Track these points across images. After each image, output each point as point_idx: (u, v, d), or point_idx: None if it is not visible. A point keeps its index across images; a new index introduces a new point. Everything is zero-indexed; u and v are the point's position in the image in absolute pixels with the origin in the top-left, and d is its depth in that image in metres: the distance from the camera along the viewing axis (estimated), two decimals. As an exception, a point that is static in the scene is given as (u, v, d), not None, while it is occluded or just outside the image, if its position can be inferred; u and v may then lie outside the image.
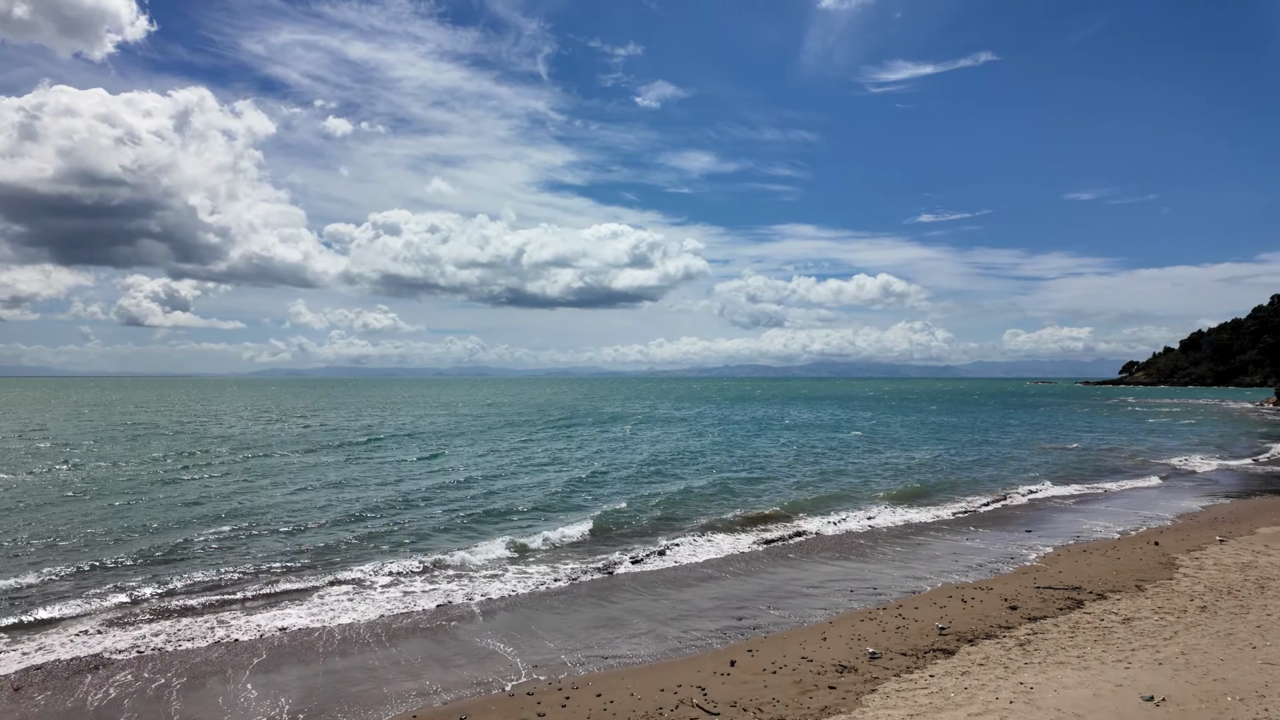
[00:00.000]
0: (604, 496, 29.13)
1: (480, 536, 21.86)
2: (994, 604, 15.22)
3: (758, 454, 45.38)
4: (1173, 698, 9.96)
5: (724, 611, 15.33)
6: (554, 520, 24.39)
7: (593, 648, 13.26)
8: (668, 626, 14.40)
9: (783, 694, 10.85)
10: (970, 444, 52.44)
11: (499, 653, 13.04)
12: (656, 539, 21.95)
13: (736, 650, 12.92)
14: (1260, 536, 20.97)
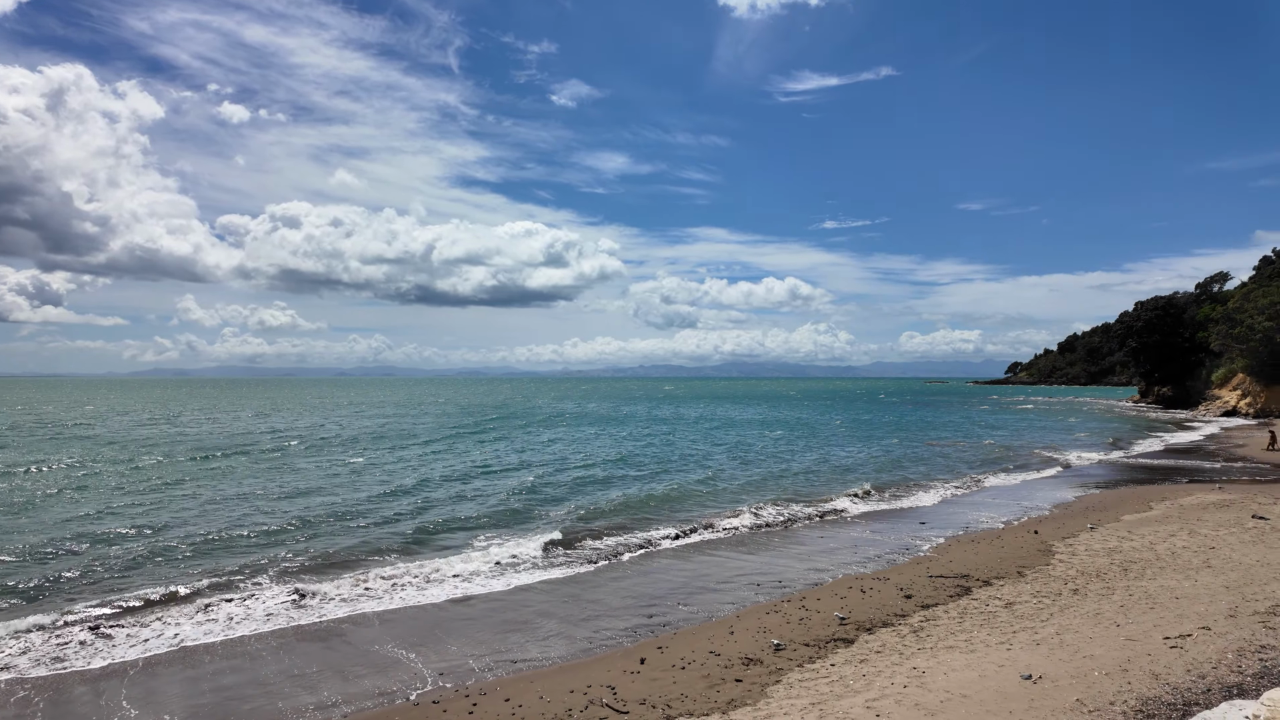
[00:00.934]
0: (518, 501, 28.75)
1: (389, 547, 21.13)
2: (890, 593, 15.95)
3: (690, 453, 45.91)
4: (1048, 675, 10.71)
5: (635, 610, 15.42)
6: (467, 526, 23.89)
7: (502, 652, 13.06)
8: (579, 628, 14.35)
9: (691, 689, 11.01)
10: (875, 440, 54.82)
11: (404, 661, 12.65)
12: (575, 542, 21.84)
13: (646, 648, 13.02)
14: (1125, 523, 22.85)
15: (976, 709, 9.69)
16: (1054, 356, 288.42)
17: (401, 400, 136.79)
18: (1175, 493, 28.83)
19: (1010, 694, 10.11)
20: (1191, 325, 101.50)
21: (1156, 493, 29.09)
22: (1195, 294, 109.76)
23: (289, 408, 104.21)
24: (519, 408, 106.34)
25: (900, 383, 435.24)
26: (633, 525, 23.98)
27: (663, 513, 26.17)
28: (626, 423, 75.10)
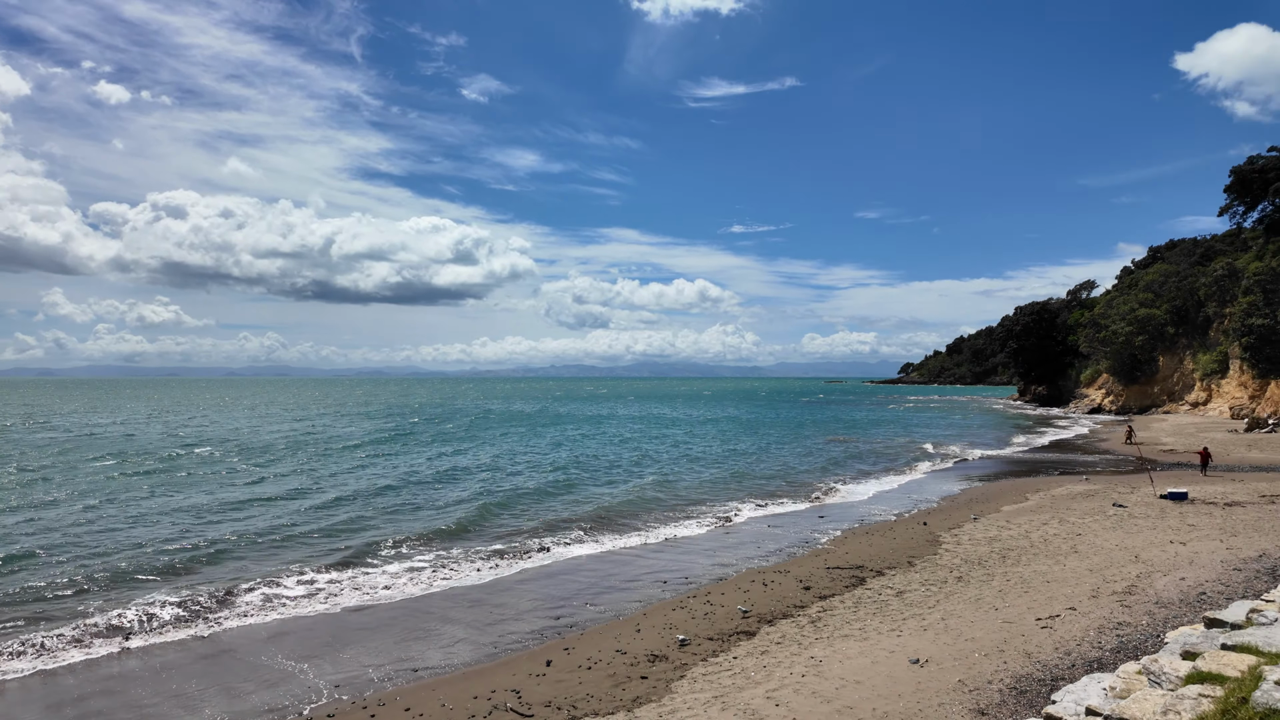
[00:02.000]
0: (433, 508, 27.95)
1: (293, 558, 20.07)
2: (791, 585, 16.49)
3: (595, 453, 45.80)
4: (934, 659, 11.35)
5: (543, 612, 15.29)
6: (368, 535, 23.03)
7: (403, 661, 12.66)
8: (484, 633, 14.09)
9: (597, 689, 11.02)
10: (782, 438, 56.52)
11: (297, 674, 12.06)
12: (486, 547, 21.42)
13: (553, 649, 12.93)
14: (1004, 513, 24.50)
15: (869, 694, 10.15)
16: (942, 358, 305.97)
17: (303, 401, 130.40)
18: (1048, 484, 31.15)
19: (900, 678, 10.64)
20: (1063, 329, 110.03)
21: (1032, 485, 31.33)
22: (1067, 300, 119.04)
23: (180, 410, 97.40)
24: (439, 410, 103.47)
25: (804, 382, 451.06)
26: (545, 529, 23.77)
27: (577, 515, 26.07)
28: (562, 423, 74.39)
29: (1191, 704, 5.38)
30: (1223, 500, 25.05)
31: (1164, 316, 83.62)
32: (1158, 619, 12.66)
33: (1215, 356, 73.84)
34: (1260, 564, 16.20)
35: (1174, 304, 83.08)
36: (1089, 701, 7.10)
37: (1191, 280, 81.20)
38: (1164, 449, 45.01)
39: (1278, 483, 29.13)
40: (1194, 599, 13.77)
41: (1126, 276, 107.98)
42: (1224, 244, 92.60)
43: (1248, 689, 4.89)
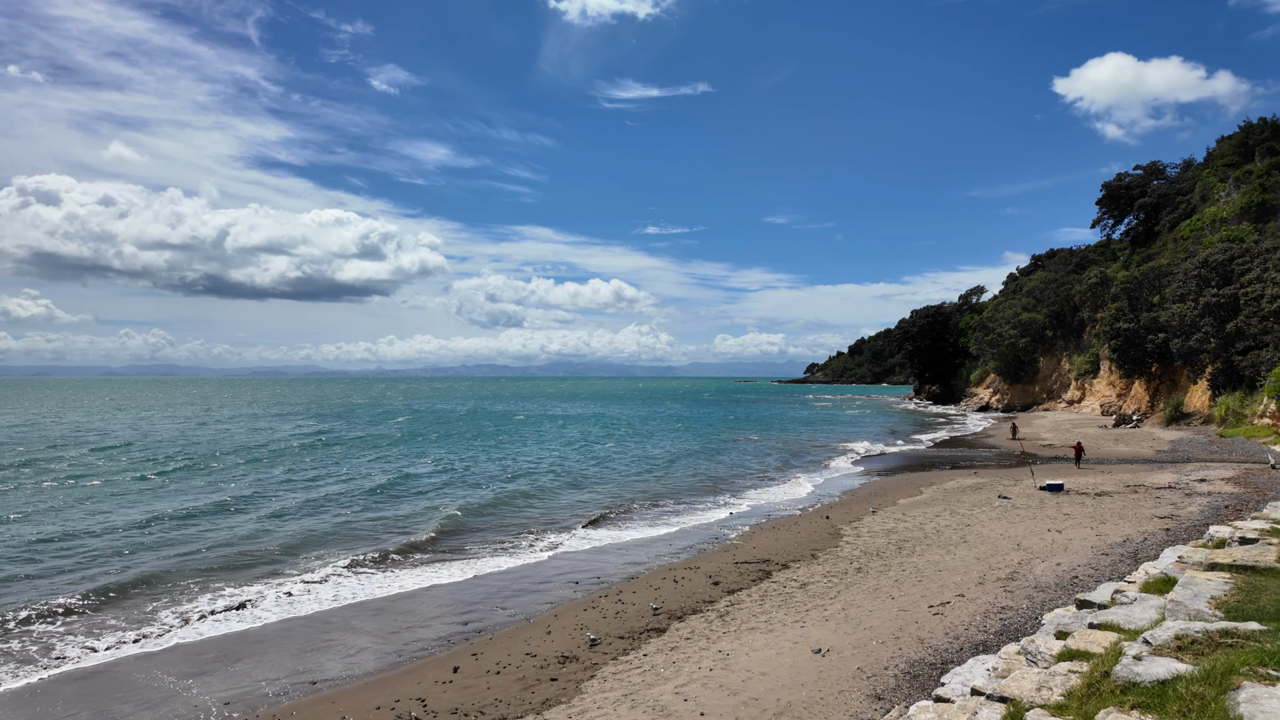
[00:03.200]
0: (328, 514, 26.78)
1: (184, 570, 18.79)
2: (701, 581, 16.75)
3: (516, 456, 45.05)
4: (835, 648, 11.78)
5: (451, 617, 14.93)
6: (273, 545, 21.85)
7: (301, 673, 12.08)
8: (388, 641, 13.63)
9: (506, 693, 10.85)
10: (697, 435, 57.36)
11: (181, 693, 11.31)
12: (395, 554, 20.70)
13: (460, 655, 12.65)
14: (900, 506, 25.72)
15: (773, 685, 10.43)
16: (845, 358, 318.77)
17: (196, 402, 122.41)
18: (941, 478, 32.92)
19: (803, 668, 11.00)
20: (955, 332, 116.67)
21: (926, 479, 33.04)
22: (958, 304, 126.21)
23: (62, 412, 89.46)
24: (349, 410, 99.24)
25: (716, 382, 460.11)
26: (456, 533, 23.21)
27: (499, 519, 25.60)
28: (482, 423, 72.67)
29: (1062, 679, 5.80)
30: (1093, 491, 27.16)
31: (1044, 320, 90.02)
32: (1036, 602, 13.59)
33: (1088, 358, 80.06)
34: (1124, 549, 17.66)
35: (1053, 309, 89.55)
36: (974, 682, 7.55)
37: (1068, 287, 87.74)
38: (1044, 444, 48.41)
39: (1140, 473, 31.84)
40: (1068, 582, 14.86)
41: (1012, 283, 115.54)
42: (1096, 254, 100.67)
43: (1109, 663, 5.31)
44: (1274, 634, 5.14)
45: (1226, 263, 50.50)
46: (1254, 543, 9.22)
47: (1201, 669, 4.50)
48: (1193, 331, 50.75)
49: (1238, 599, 6.70)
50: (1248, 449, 38.81)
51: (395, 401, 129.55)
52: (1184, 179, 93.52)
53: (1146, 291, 63.84)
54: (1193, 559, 9.13)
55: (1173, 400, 58.79)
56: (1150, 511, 22.47)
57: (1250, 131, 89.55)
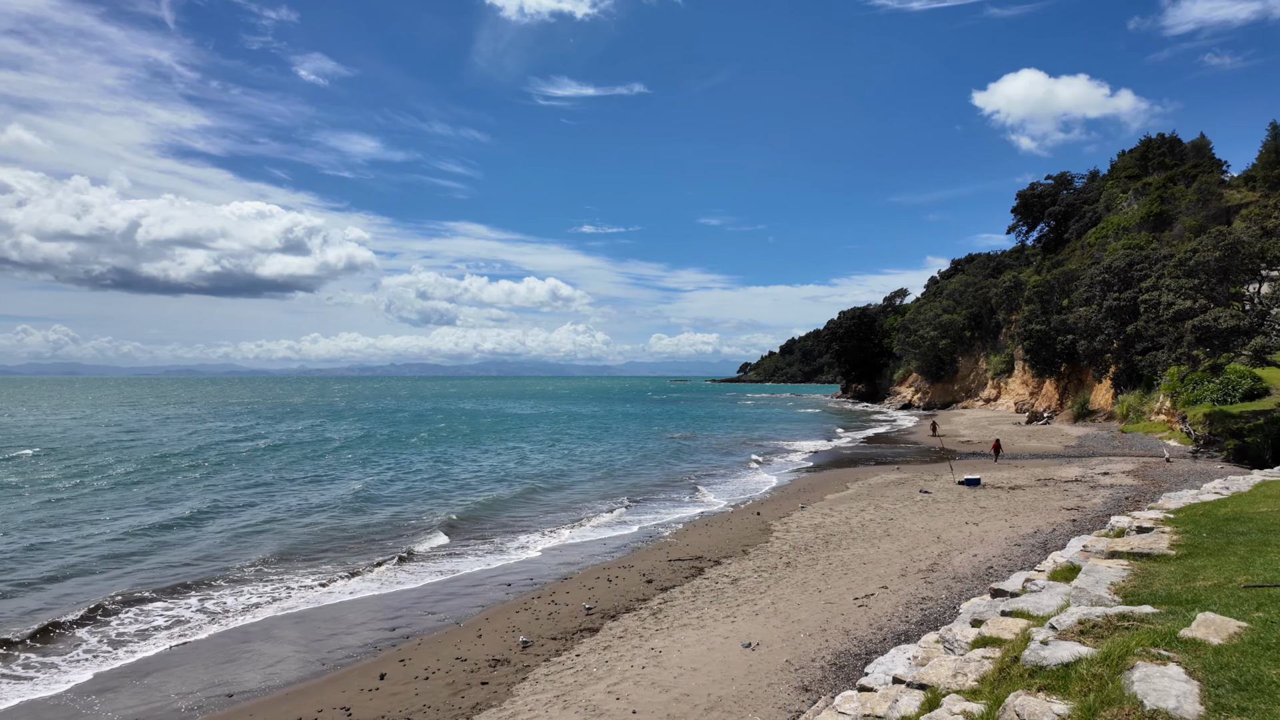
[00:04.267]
0: (262, 525, 25.64)
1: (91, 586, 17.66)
2: (634, 580, 16.80)
3: (465, 459, 44.06)
4: (765, 641, 12.00)
5: (378, 624, 14.52)
6: (193, 554, 20.77)
7: (217, 686, 11.53)
8: (312, 649, 13.15)
9: (434, 699, 10.63)
10: (637, 434, 57.48)
11: (84, 712, 10.64)
12: (320, 560, 19.96)
13: (388, 661, 12.32)
14: (827, 501, 26.42)
15: (705, 680, 10.55)
16: (777, 358, 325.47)
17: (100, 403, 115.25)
18: (866, 474, 33.97)
19: (733, 662, 11.16)
20: (880, 333, 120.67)
21: (852, 474, 34.03)
22: (883, 306, 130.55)
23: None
24: (281, 409, 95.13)
25: (652, 381, 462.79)
26: (386, 538, 22.59)
27: (427, 523, 25.01)
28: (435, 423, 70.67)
29: (976, 666, 6.06)
30: (1008, 485, 28.52)
31: (963, 322, 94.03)
32: (955, 592, 14.17)
33: (1003, 358, 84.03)
34: (1035, 539, 18.60)
35: (971, 311, 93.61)
36: (896, 671, 7.80)
37: (985, 290, 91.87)
38: (962, 441, 50.54)
39: (1050, 468, 33.61)
40: (984, 572, 15.55)
41: (933, 286, 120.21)
42: (1011, 259, 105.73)
43: (1019, 649, 5.58)
44: (1165, 616, 5.50)
45: (1127, 269, 53.81)
46: (1149, 531, 9.85)
47: (1101, 651, 4.78)
48: (1097, 333, 53.90)
49: (1134, 584, 7.15)
50: (1146, 444, 41.48)
51: (335, 401, 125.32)
52: (1090, 189, 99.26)
53: (1056, 295, 67.42)
54: (1095, 548, 9.68)
55: (1080, 398, 62.29)
56: (1059, 504, 23.74)
57: (1149, 146, 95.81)
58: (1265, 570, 6.64)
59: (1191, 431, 38.94)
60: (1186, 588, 6.43)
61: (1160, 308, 34.24)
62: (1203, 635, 4.87)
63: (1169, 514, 11.39)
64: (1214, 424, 36.39)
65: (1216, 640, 4.78)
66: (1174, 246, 51.32)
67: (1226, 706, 3.83)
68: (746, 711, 9.47)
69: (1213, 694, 3.97)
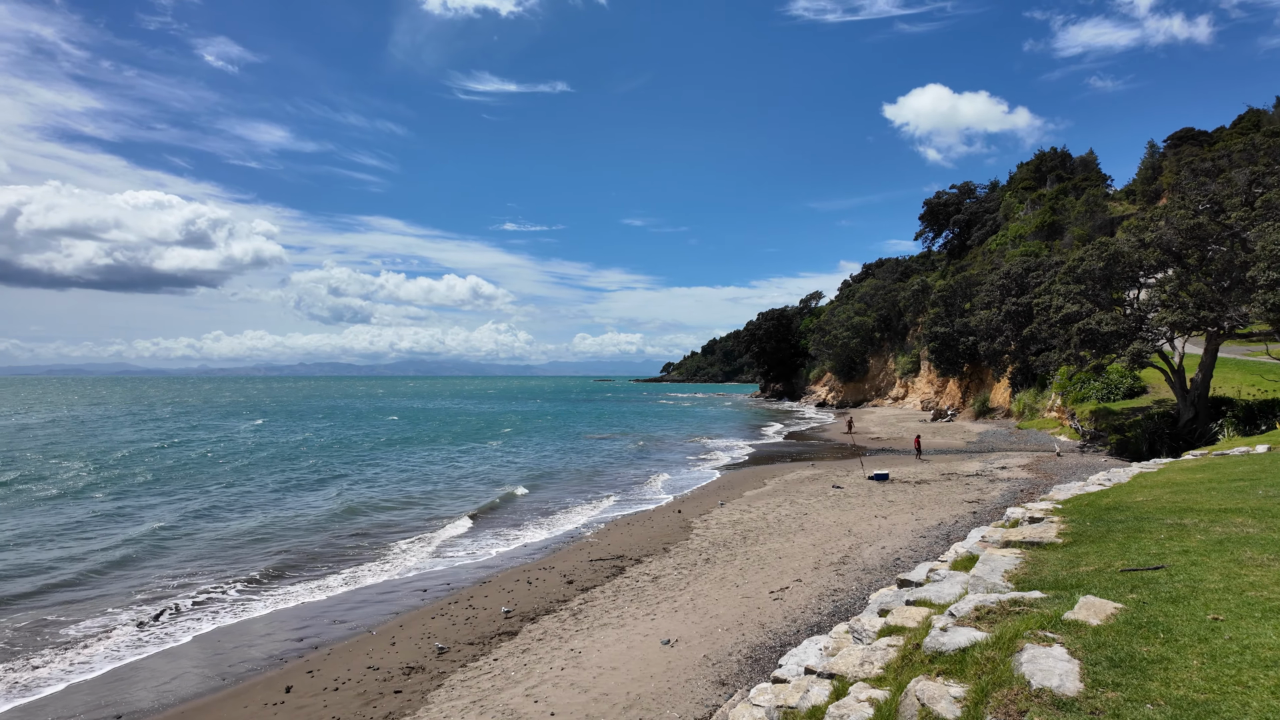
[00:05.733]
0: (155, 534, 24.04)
1: None
2: (555, 581, 16.68)
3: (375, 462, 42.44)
4: (684, 638, 12.13)
5: (284, 634, 13.89)
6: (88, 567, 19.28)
7: (103, 708, 10.76)
8: (212, 663, 12.46)
9: (344, 710, 10.25)
10: (564, 435, 57.02)
11: (-55, 744, 9.73)
12: (230, 568, 18.89)
13: (294, 673, 11.80)
14: (746, 498, 26.96)
15: (624, 678, 10.58)
16: (699, 358, 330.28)
17: None
18: (783, 471, 34.87)
19: (652, 660, 11.23)
20: (796, 334, 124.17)
21: (770, 471, 34.86)
22: (799, 308, 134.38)
23: None
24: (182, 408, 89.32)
25: (576, 380, 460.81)
26: (301, 545, 21.62)
27: (347, 531, 24.05)
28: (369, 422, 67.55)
29: (881, 654, 6.30)
30: (914, 479, 29.83)
31: (873, 324, 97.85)
32: (864, 583, 14.70)
33: (911, 358, 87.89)
34: (939, 531, 19.52)
35: (881, 313, 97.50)
36: (808, 662, 8.03)
37: (894, 294, 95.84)
38: (872, 437, 52.56)
39: (953, 462, 35.36)
40: (891, 564, 16.20)
41: (845, 289, 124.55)
42: (919, 263, 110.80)
43: (921, 636, 5.84)
44: (1052, 601, 5.87)
45: (1023, 274, 57.23)
46: (1040, 522, 10.49)
47: (994, 636, 5.06)
48: (996, 335, 57.11)
49: (1026, 571, 7.59)
50: (1040, 439, 44.21)
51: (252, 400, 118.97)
52: (991, 199, 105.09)
53: (959, 299, 71.00)
54: (992, 538, 10.24)
55: (980, 396, 65.82)
56: (961, 497, 25.00)
57: (1043, 159, 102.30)
58: (1139, 555, 7.17)
59: (1079, 427, 41.78)
60: (1071, 573, 6.88)
61: (1051, 311, 36.57)
62: (1084, 617, 5.21)
63: (1058, 505, 12.15)
64: (1099, 420, 39.17)
65: (1096, 621, 5.13)
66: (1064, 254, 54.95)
67: (1103, 682, 4.11)
68: (664, 708, 9.55)
69: (1091, 671, 4.25)
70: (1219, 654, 4.36)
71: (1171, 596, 5.58)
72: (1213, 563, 6.49)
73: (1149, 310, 34.17)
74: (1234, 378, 36.24)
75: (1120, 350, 32.11)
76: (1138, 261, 34.64)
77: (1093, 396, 43.50)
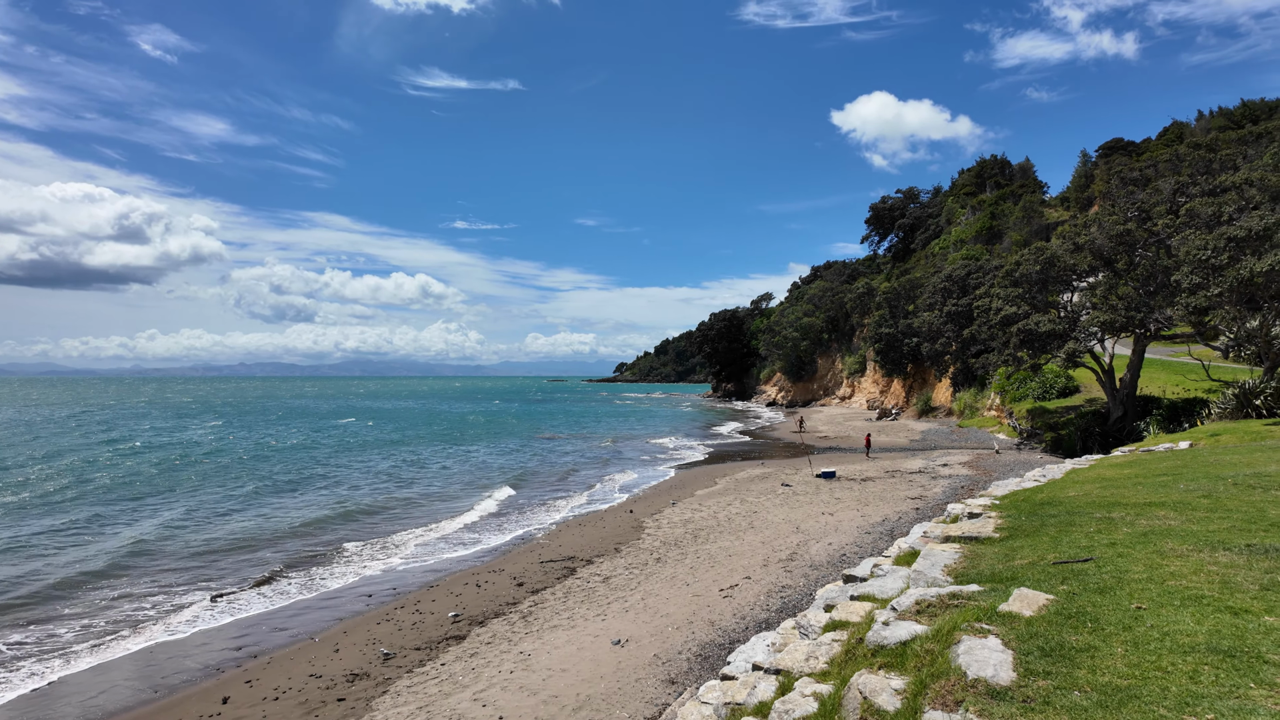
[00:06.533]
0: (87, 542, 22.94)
1: None
2: (504, 583, 16.51)
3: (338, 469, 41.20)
4: (634, 638, 12.14)
5: (221, 643, 13.41)
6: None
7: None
8: (145, 674, 11.95)
9: (286, 719, 9.96)
10: (517, 435, 56.41)
11: None
12: (171, 576, 18.12)
13: (232, 682, 11.40)
14: (697, 497, 27.14)
15: (574, 680, 10.53)
16: (651, 358, 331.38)
17: None
18: (734, 469, 35.22)
19: (603, 660, 11.21)
20: (748, 334, 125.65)
21: (721, 470, 35.18)
22: (750, 309, 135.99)
23: None
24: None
25: (529, 380, 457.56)
26: (248, 549, 20.90)
27: (292, 537, 23.32)
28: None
29: (827, 648, 6.42)
30: (860, 477, 30.47)
31: (822, 325, 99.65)
32: (812, 579, 14.95)
33: (857, 358, 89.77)
34: (884, 527, 19.97)
35: (829, 315, 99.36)
36: (755, 658, 8.12)
37: (841, 295, 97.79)
38: (820, 436, 53.52)
39: (897, 460, 36.24)
40: (838, 560, 16.51)
41: (795, 291, 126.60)
42: (865, 266, 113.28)
43: (864, 630, 5.96)
44: (988, 593, 6.06)
45: (964, 277, 59.04)
46: (979, 517, 10.82)
47: (933, 629, 5.20)
48: (938, 336, 58.77)
49: (964, 565, 7.82)
50: (979, 437, 45.65)
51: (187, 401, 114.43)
52: (934, 204, 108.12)
53: (904, 301, 72.83)
54: (934, 534, 10.52)
55: (924, 396, 67.63)
56: (905, 493, 25.64)
57: (984, 166, 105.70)
58: (1070, 548, 7.46)
59: (1017, 425, 43.28)
60: (1007, 566, 7.11)
61: (991, 313, 37.81)
62: (1017, 609, 5.39)
63: (996, 500, 12.56)
64: (1035, 418, 40.65)
65: (1028, 613, 5.31)
66: (1003, 258, 56.88)
67: (1034, 671, 4.26)
68: (614, 708, 9.54)
69: (1023, 661, 4.40)
70: (1141, 641, 4.56)
71: (1099, 587, 5.81)
72: (1137, 554, 6.79)
73: (1082, 312, 35.63)
74: (1159, 377, 38.03)
75: (1055, 350, 33.40)
76: (1071, 266, 36.07)
77: (1030, 396, 45.14)
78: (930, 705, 4.20)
